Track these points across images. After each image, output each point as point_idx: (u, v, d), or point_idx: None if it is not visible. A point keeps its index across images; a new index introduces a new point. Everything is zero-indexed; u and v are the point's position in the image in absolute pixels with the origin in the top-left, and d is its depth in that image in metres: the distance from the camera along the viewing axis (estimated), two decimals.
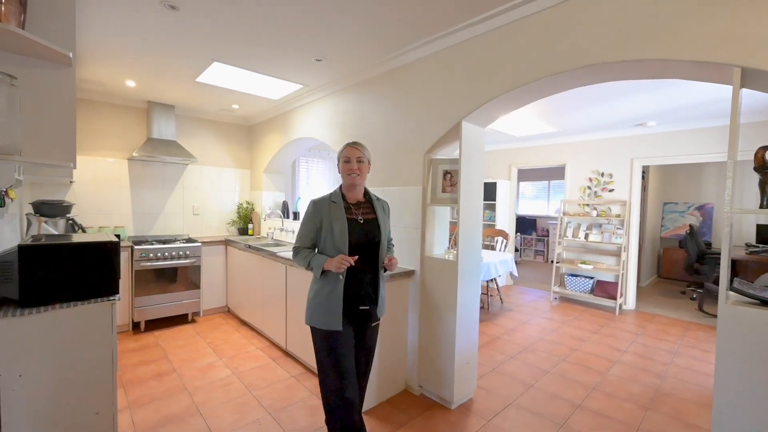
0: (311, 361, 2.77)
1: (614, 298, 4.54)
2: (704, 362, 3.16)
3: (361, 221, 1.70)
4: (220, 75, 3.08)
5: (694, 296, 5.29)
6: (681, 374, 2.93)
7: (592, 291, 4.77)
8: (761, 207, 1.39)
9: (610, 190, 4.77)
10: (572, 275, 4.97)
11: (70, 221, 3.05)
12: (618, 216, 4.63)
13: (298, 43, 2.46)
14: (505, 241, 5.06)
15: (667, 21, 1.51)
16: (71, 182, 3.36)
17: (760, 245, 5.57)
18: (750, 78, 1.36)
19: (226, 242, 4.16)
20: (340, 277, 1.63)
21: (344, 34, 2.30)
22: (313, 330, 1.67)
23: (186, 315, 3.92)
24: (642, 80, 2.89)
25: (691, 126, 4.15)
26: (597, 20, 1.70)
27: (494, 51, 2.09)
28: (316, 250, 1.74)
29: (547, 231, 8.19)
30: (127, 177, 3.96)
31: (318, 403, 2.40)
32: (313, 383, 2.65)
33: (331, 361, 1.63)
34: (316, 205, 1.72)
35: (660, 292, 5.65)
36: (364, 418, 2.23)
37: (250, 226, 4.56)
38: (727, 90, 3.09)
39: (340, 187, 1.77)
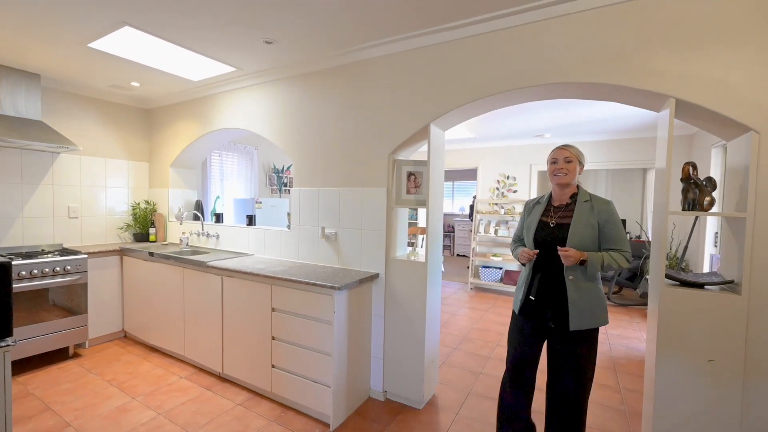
0: (258, 382, 2.45)
1: None
2: None
3: (553, 225, 1.74)
4: (125, 42, 2.44)
5: None
6: None
7: (501, 280, 5.42)
8: (683, 209, 1.76)
9: (514, 191, 5.48)
10: (485, 267, 5.56)
11: None
12: (521, 213, 5.35)
13: (245, 19, 2.11)
14: None
15: (618, 53, 1.77)
16: None
17: None
18: (680, 108, 1.71)
19: (122, 252, 3.36)
20: (527, 268, 1.79)
21: (306, 13, 2.06)
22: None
23: (66, 349, 3.03)
24: (545, 100, 3.37)
25: (577, 139, 5.06)
26: (560, 44, 1.89)
27: (467, 58, 2.15)
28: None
29: (453, 227, 8.97)
30: None
31: (282, 429, 2.13)
32: (268, 408, 2.34)
33: (509, 336, 1.89)
34: (526, 205, 1.97)
35: None
36: None
37: (152, 230, 3.78)
38: (605, 113, 3.85)
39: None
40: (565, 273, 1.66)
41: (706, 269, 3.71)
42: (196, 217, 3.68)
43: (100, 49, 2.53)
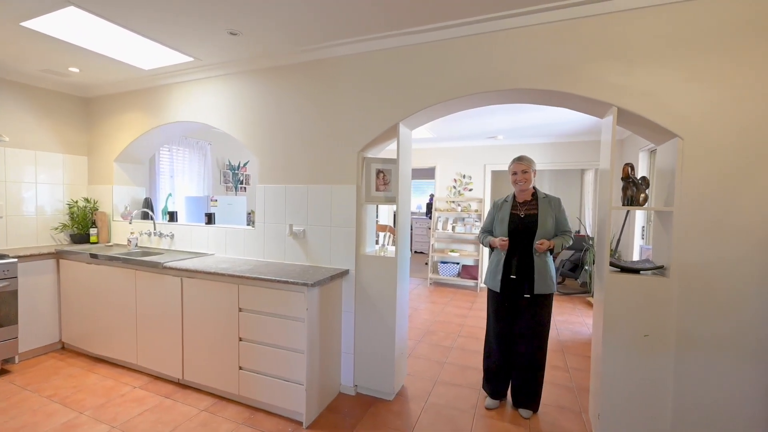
0: (224, 386, 2.37)
1: (475, 278, 5.52)
2: None
3: (523, 215, 2.24)
4: (66, 23, 2.22)
5: None
6: None
7: (458, 274, 5.67)
8: (623, 204, 2.00)
9: (470, 190, 5.76)
10: (443, 262, 5.78)
11: None
12: (476, 211, 5.64)
13: (210, 7, 2.02)
14: (391, 235, 5.43)
15: (568, 64, 1.96)
16: None
17: None
18: (621, 115, 1.93)
19: (59, 255, 3.04)
20: (502, 253, 2.25)
21: (276, 6, 2.02)
22: (488, 289, 2.35)
23: None
24: (498, 105, 3.62)
25: (526, 141, 5.44)
26: (518, 53, 2.05)
27: (434, 61, 2.24)
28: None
29: (410, 225, 9.17)
30: None
31: (253, 431, 2.08)
32: (236, 411, 2.27)
33: (490, 312, 2.36)
34: (495, 203, 2.41)
35: None
36: None
37: (93, 231, 3.45)
38: (550, 118, 4.18)
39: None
40: (534, 252, 2.19)
41: (636, 258, 4.19)
42: (146, 216, 3.42)
43: (35, 29, 2.27)
